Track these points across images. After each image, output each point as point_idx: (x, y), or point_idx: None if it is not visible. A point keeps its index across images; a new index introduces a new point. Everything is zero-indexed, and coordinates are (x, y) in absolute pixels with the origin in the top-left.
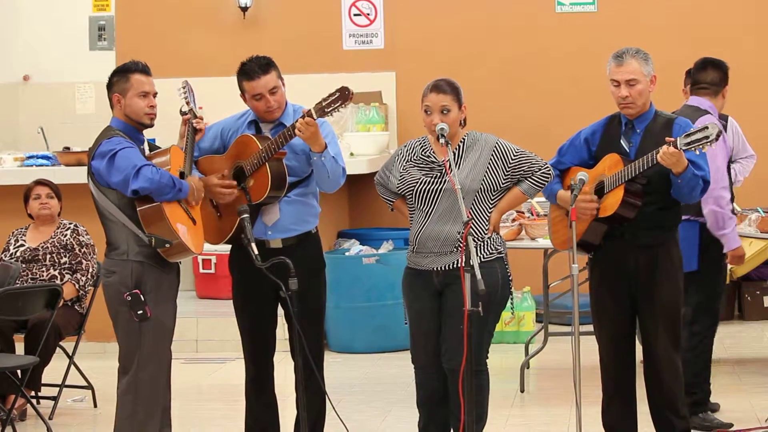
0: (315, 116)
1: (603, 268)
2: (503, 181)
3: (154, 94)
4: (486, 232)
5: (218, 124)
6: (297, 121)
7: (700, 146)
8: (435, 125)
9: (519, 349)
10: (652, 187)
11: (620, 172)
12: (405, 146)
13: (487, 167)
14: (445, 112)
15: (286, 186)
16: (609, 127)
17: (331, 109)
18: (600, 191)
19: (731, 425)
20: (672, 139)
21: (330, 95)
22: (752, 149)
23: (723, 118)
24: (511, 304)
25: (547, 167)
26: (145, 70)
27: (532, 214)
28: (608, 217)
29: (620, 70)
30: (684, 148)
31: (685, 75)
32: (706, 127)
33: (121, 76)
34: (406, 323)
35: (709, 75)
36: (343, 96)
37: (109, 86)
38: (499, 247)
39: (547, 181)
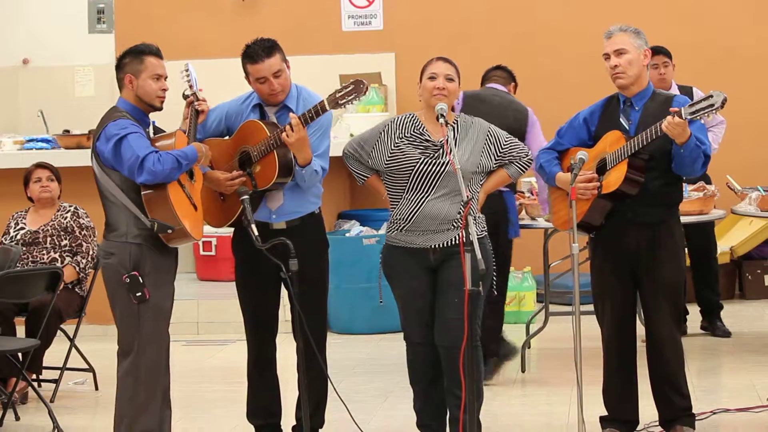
0: (328, 107)
1: (605, 248)
2: (493, 165)
3: (165, 78)
4: (477, 211)
5: (222, 107)
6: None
7: (705, 114)
8: (440, 90)
9: (520, 329)
10: (654, 162)
11: (623, 147)
12: (393, 122)
13: (482, 151)
14: (449, 79)
15: (293, 172)
16: (608, 107)
17: (344, 101)
18: (602, 168)
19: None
20: (677, 109)
21: (344, 87)
22: (721, 115)
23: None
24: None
25: (530, 155)
26: (158, 54)
27: (532, 194)
28: (611, 194)
29: (609, 43)
30: (689, 117)
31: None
32: (711, 96)
33: (134, 56)
34: (381, 302)
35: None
36: (358, 89)
37: (120, 66)
38: (485, 225)
39: (529, 167)
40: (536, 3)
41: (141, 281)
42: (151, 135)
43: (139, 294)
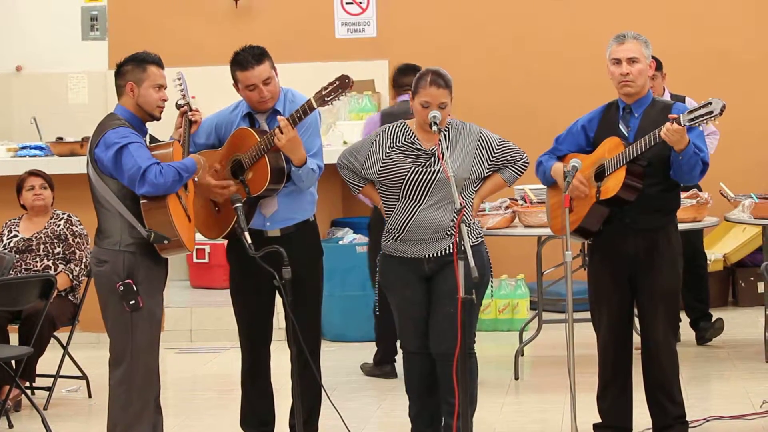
0: (315, 105)
1: (603, 253)
2: (486, 170)
3: (165, 88)
4: (472, 217)
5: (211, 119)
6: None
7: (704, 121)
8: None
9: (513, 336)
10: (653, 169)
11: (622, 154)
12: (384, 131)
13: (474, 157)
14: (442, 107)
15: (285, 178)
16: (607, 114)
17: (331, 97)
18: (600, 174)
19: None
20: (675, 116)
21: (330, 84)
22: (714, 126)
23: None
24: (491, 289)
25: (527, 157)
26: (160, 63)
27: (525, 202)
28: (609, 200)
29: (621, 48)
30: (688, 124)
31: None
32: (710, 103)
33: (137, 64)
34: (377, 312)
35: (409, 79)
36: (343, 84)
37: (121, 73)
38: (481, 231)
39: (525, 170)
40: (529, 9)
41: (135, 289)
42: (148, 143)
43: (132, 302)
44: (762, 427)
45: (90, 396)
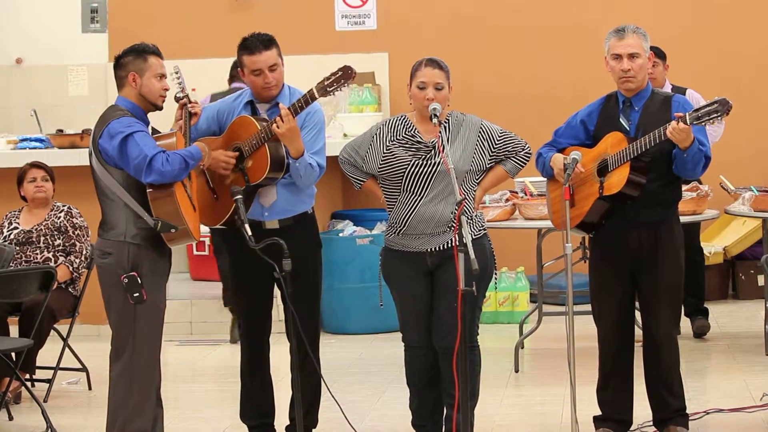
0: (317, 95)
1: (605, 247)
2: (488, 162)
3: (166, 77)
4: (473, 210)
5: (213, 106)
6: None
7: (710, 120)
8: (429, 101)
9: (513, 329)
10: (655, 164)
11: (625, 150)
12: (384, 124)
13: (475, 148)
14: (439, 88)
15: (285, 167)
16: (606, 106)
17: (333, 88)
18: (603, 170)
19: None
20: (681, 114)
21: (332, 74)
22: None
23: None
24: (495, 281)
25: (529, 148)
26: (159, 53)
27: (526, 194)
28: (613, 196)
29: (622, 44)
30: (694, 122)
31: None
32: (716, 102)
33: (137, 55)
34: (381, 305)
35: None
36: (346, 75)
37: (122, 64)
38: (484, 224)
39: (527, 161)
40: (529, 1)
41: (139, 282)
42: (150, 134)
43: (136, 294)
44: (762, 419)
45: (90, 388)
